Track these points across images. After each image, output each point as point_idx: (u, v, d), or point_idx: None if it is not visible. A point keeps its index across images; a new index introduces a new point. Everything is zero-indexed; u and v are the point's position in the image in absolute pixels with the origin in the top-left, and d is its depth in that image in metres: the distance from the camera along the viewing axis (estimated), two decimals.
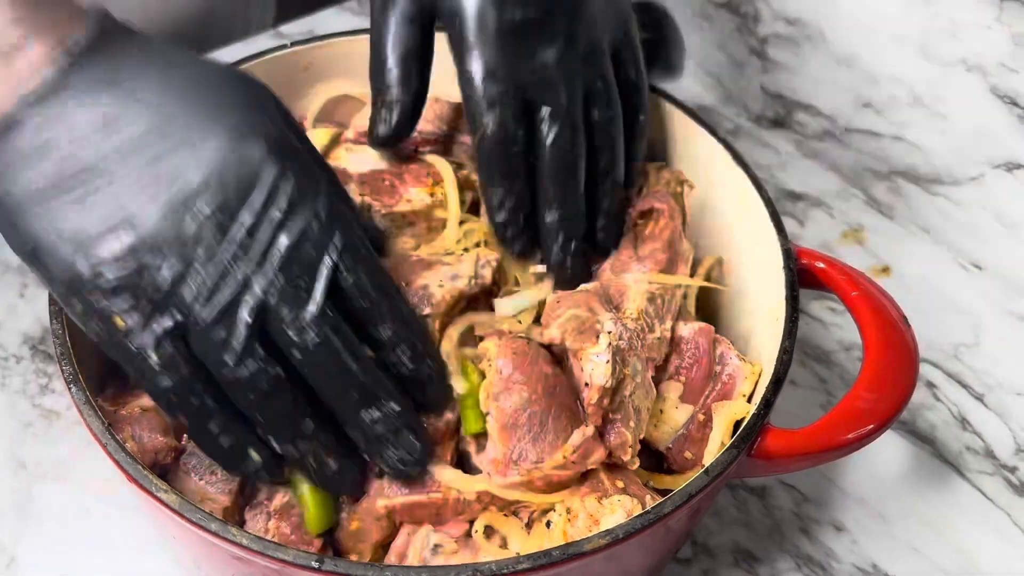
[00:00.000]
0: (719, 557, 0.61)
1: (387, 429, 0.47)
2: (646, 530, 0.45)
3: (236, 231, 0.44)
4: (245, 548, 0.43)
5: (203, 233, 0.43)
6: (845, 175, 0.85)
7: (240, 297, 0.43)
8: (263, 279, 0.44)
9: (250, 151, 0.44)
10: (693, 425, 0.54)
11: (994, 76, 0.72)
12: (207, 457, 0.48)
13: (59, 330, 0.50)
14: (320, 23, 0.90)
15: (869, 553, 0.62)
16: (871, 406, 0.51)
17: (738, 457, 0.48)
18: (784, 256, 0.56)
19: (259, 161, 0.44)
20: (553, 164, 0.54)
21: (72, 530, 0.60)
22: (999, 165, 0.75)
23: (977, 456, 0.68)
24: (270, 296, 0.44)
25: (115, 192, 0.43)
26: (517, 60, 0.52)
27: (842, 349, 0.73)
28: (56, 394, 0.66)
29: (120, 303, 0.43)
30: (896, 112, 0.79)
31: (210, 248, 0.43)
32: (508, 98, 0.52)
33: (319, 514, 0.50)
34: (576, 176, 0.55)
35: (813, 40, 0.82)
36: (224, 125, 0.44)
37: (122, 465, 0.46)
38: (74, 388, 0.48)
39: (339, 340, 0.45)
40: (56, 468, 0.62)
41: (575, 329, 0.51)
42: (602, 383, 0.50)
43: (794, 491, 0.65)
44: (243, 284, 0.43)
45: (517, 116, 0.53)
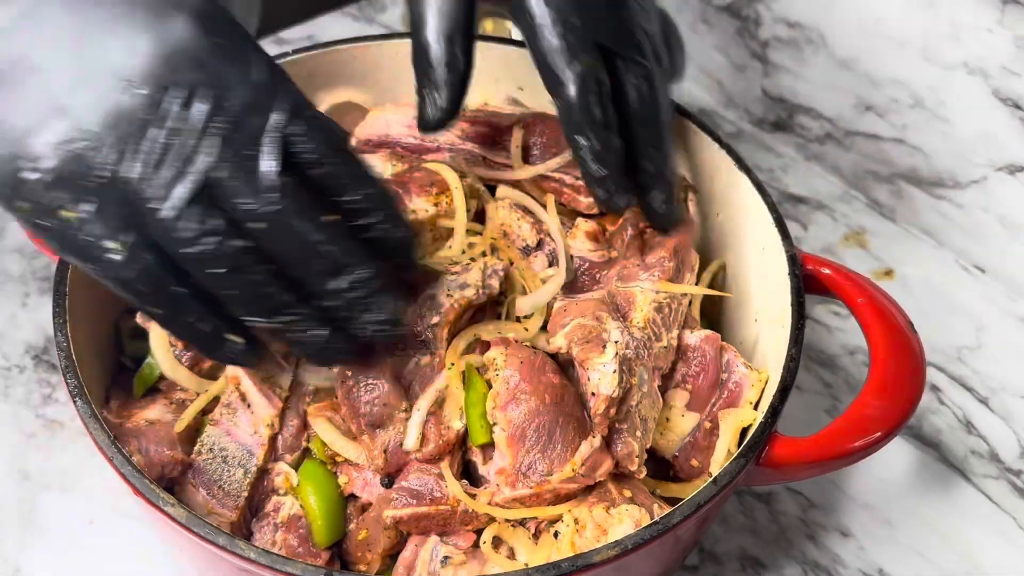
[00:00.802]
0: (726, 564, 0.61)
1: (362, 295, 0.46)
2: (655, 540, 0.45)
3: (170, 106, 0.42)
4: (253, 562, 0.43)
5: (137, 112, 0.42)
6: (847, 178, 0.84)
7: (185, 173, 0.42)
8: (207, 151, 0.42)
9: (174, 25, 0.43)
10: (700, 433, 0.54)
11: (996, 79, 0.72)
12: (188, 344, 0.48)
13: (63, 342, 0.50)
14: (320, 29, 0.90)
15: (875, 558, 0.62)
16: (879, 413, 0.51)
17: (746, 466, 0.48)
18: (789, 262, 0.56)
19: (185, 35, 0.43)
20: (649, 108, 0.53)
21: (76, 540, 0.60)
22: (1001, 168, 0.75)
23: (982, 460, 0.68)
24: (219, 169, 0.42)
25: (42, 82, 0.42)
26: (591, 11, 0.52)
27: (847, 353, 0.73)
28: (59, 404, 0.65)
29: (65, 195, 0.42)
30: (898, 115, 0.79)
31: (147, 126, 0.42)
32: (588, 46, 0.51)
33: (326, 526, 0.49)
34: (668, 120, 0.55)
35: (814, 43, 0.82)
36: (148, 4, 0.43)
37: (129, 479, 0.46)
38: (79, 401, 0.48)
39: (296, 206, 0.43)
40: (60, 478, 0.62)
41: (582, 338, 0.51)
42: (609, 393, 0.50)
43: (800, 497, 0.64)
44: (186, 159, 0.42)
45: (599, 65, 0.52)
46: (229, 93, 0.43)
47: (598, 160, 0.53)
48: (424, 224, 0.57)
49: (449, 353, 0.52)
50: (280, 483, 0.51)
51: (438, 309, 0.52)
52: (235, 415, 0.52)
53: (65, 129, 0.42)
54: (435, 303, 0.52)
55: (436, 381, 0.51)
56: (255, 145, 0.43)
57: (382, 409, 0.50)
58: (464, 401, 0.51)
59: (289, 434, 0.52)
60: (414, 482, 0.50)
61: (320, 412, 0.52)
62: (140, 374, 0.55)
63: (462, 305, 0.52)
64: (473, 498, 0.49)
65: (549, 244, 0.58)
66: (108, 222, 0.42)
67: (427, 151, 0.63)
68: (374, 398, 0.50)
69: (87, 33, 0.42)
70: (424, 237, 0.57)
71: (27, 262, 0.72)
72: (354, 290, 0.45)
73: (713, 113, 0.90)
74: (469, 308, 0.53)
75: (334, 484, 0.51)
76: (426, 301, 0.52)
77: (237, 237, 0.43)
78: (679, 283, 0.57)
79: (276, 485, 0.51)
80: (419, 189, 0.57)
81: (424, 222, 0.57)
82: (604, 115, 0.52)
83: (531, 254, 0.58)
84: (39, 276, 0.72)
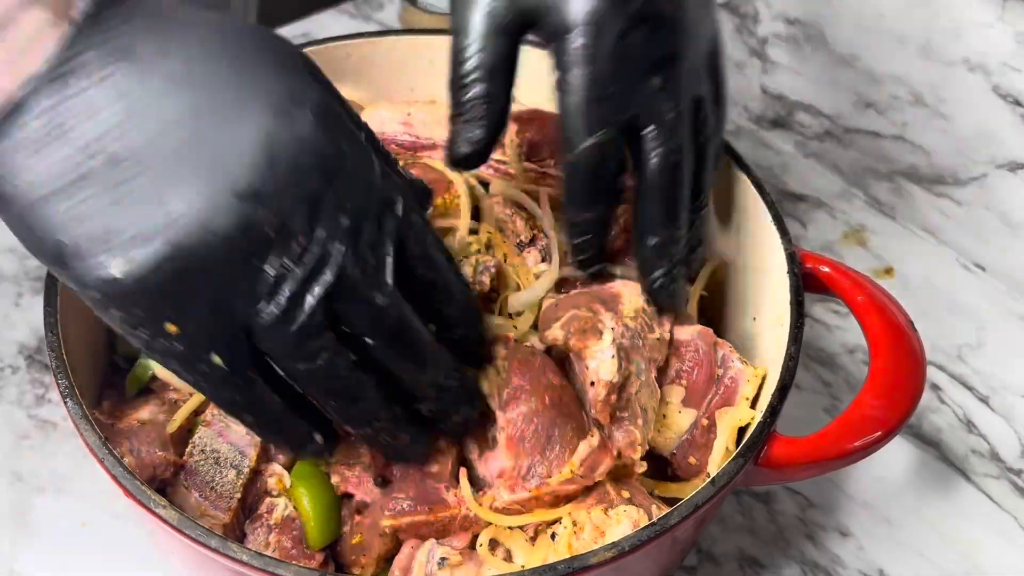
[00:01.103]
0: (724, 565, 0.61)
1: (454, 399, 0.47)
2: (652, 542, 0.45)
3: (290, 218, 0.39)
4: (245, 564, 0.43)
5: (254, 223, 0.38)
6: (847, 176, 0.84)
7: (306, 289, 0.39)
8: (328, 266, 0.40)
9: (297, 126, 0.39)
10: (697, 431, 0.54)
11: (997, 76, 0.72)
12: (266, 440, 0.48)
13: (54, 342, 0.50)
14: (317, 26, 0.90)
15: (875, 558, 0.62)
16: (878, 413, 0.50)
17: (744, 466, 0.48)
18: (788, 260, 0.56)
19: (308, 136, 0.40)
20: (660, 186, 0.51)
21: (71, 542, 0.59)
22: (1002, 165, 0.74)
23: (983, 459, 0.67)
24: (338, 284, 0.40)
25: (148, 183, 0.38)
26: (627, 80, 0.49)
27: (846, 352, 0.72)
28: (52, 404, 0.65)
29: (169, 309, 0.39)
30: (898, 112, 0.79)
31: (265, 239, 0.39)
32: (614, 120, 0.50)
33: (320, 529, 0.49)
34: (683, 198, 0.52)
35: (813, 40, 0.81)
36: (265, 97, 0.39)
37: (120, 481, 0.45)
38: (70, 402, 0.48)
39: (408, 318, 0.42)
40: (54, 480, 0.62)
41: (578, 329, 0.51)
42: (609, 378, 0.49)
43: (799, 496, 0.64)
44: (308, 275, 0.39)
45: (618, 139, 0.50)
46: (350, 202, 0.40)
47: (579, 229, 0.53)
48: None
49: None
50: (273, 484, 0.51)
51: None
52: (227, 416, 0.51)
53: (175, 239, 0.38)
54: None
55: None
56: (375, 256, 0.41)
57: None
58: None
59: None
60: (412, 492, 0.49)
61: None
62: (133, 374, 0.55)
63: None
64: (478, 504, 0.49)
65: (542, 240, 0.58)
66: (214, 336, 0.39)
67: (423, 148, 0.63)
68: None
69: (202, 133, 0.38)
70: None
71: (20, 262, 0.72)
72: (449, 392, 0.46)
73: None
74: None
75: (327, 485, 0.51)
76: None
77: (351, 350, 0.42)
78: None
79: (269, 486, 0.51)
80: None
81: None
82: (599, 188, 0.51)
83: (524, 250, 0.58)
84: (32, 276, 0.71)
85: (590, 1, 0.49)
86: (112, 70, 0.38)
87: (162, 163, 0.38)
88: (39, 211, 0.38)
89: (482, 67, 0.50)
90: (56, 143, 0.38)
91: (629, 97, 0.50)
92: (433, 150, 0.63)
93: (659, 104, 0.51)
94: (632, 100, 0.50)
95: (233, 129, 0.39)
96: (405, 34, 0.70)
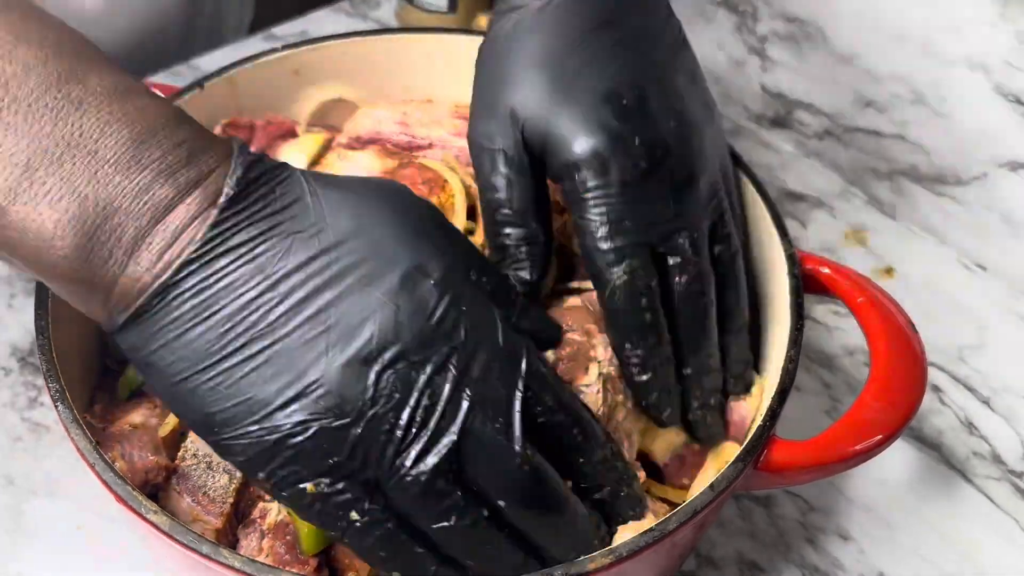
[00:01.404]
0: (724, 569, 0.60)
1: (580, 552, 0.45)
2: (651, 547, 0.44)
3: (418, 377, 0.41)
4: (237, 571, 0.42)
5: (386, 388, 0.41)
6: (847, 175, 0.83)
7: (430, 448, 0.41)
8: (457, 423, 0.41)
9: (424, 292, 0.42)
10: (688, 450, 0.53)
11: (998, 74, 0.71)
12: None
13: (45, 345, 0.49)
14: (314, 25, 0.89)
15: (876, 562, 0.61)
16: (879, 416, 0.50)
17: (744, 470, 0.47)
18: (788, 261, 0.55)
19: (434, 302, 0.42)
20: (688, 315, 0.51)
21: (65, 546, 0.58)
22: (1003, 164, 0.74)
23: (984, 461, 0.67)
24: (468, 443, 0.41)
25: (284, 351, 0.41)
26: (641, 209, 0.49)
27: (846, 354, 0.72)
28: (45, 407, 0.64)
29: (309, 470, 0.41)
30: (898, 111, 0.78)
31: (397, 401, 0.41)
32: (637, 250, 0.49)
33: (312, 533, 0.48)
34: (711, 325, 0.51)
35: (813, 39, 0.81)
36: (392, 264, 0.42)
37: (110, 485, 0.45)
38: (61, 406, 0.47)
39: (545, 476, 0.43)
40: (47, 483, 0.61)
41: (568, 356, 0.50)
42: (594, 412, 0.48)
43: (799, 500, 0.63)
44: (432, 435, 0.41)
45: (647, 267, 0.49)
46: (476, 360, 0.42)
47: (641, 366, 0.50)
48: None
49: None
50: None
51: None
52: None
53: (312, 406, 0.40)
54: None
55: None
56: (502, 413, 0.42)
57: None
58: None
59: None
60: None
61: None
62: (125, 377, 0.55)
63: None
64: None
65: None
66: (350, 493, 0.41)
67: (418, 148, 0.62)
68: None
69: (330, 296, 0.41)
70: None
71: None
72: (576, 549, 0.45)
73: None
74: None
75: None
76: None
77: (482, 506, 0.42)
78: None
79: (262, 491, 0.50)
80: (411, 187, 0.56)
81: None
82: (646, 319, 0.49)
83: None
84: (25, 277, 0.71)
85: (592, 137, 0.49)
86: (252, 245, 0.41)
87: (293, 331, 0.41)
88: (186, 383, 0.41)
89: (515, 212, 0.51)
90: (201, 317, 0.41)
91: (644, 225, 0.49)
92: (429, 149, 0.62)
93: (675, 233, 0.50)
94: (648, 232, 0.49)
95: (360, 295, 0.41)
96: (402, 32, 0.69)
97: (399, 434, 0.41)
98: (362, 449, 0.41)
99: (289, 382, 0.41)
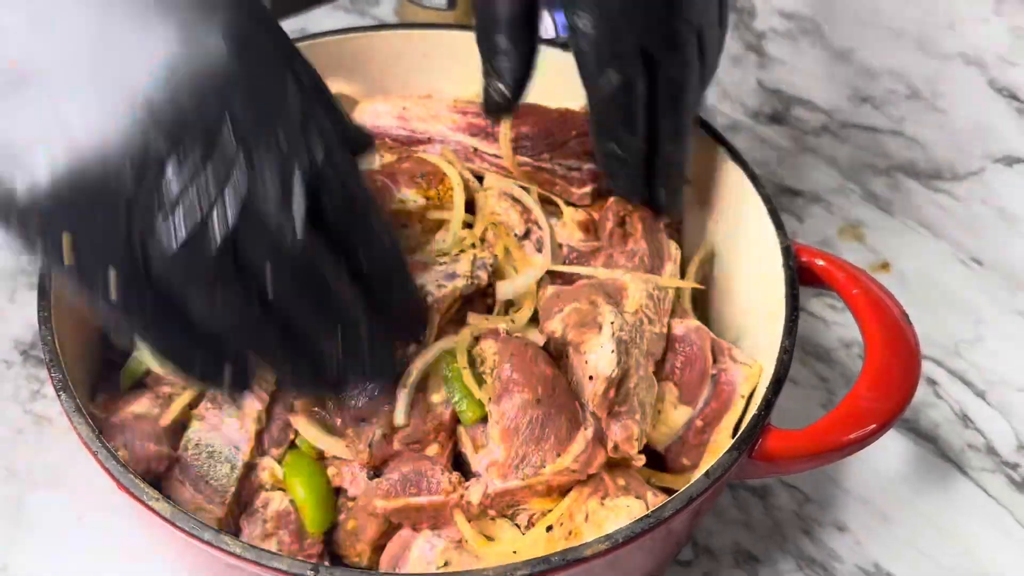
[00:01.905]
0: (720, 559, 0.60)
1: (360, 351, 0.44)
2: (646, 534, 0.44)
3: (193, 140, 0.38)
4: (239, 557, 0.43)
5: (153, 143, 0.37)
6: (843, 170, 0.84)
7: (207, 220, 0.38)
8: (230, 194, 0.38)
9: (205, 45, 0.38)
10: (690, 431, 0.54)
11: (993, 69, 0.72)
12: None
13: (48, 336, 0.50)
14: (313, 22, 0.90)
15: (871, 553, 0.62)
16: (873, 405, 0.50)
17: (739, 459, 0.48)
18: (784, 254, 0.56)
19: (216, 58, 0.38)
20: (677, 105, 0.53)
21: (66, 538, 0.59)
22: (999, 159, 0.74)
23: (979, 454, 0.67)
24: (241, 218, 0.38)
25: (50, 94, 0.37)
26: (640, 14, 0.50)
27: (842, 347, 0.72)
28: (48, 400, 0.65)
29: (66, 224, 0.38)
30: (894, 107, 0.79)
31: (163, 160, 0.37)
32: (632, 55, 0.51)
33: (318, 513, 0.49)
34: (689, 115, 0.55)
35: (810, 35, 0.81)
36: (173, 12, 0.38)
37: (113, 474, 0.45)
38: (64, 395, 0.47)
39: (319, 267, 0.41)
40: (49, 475, 0.61)
41: (576, 323, 0.51)
42: (608, 373, 0.49)
43: (795, 491, 0.64)
44: (209, 205, 0.38)
45: (640, 71, 0.51)
46: (259, 130, 0.39)
47: (620, 161, 0.54)
48: (413, 215, 0.56)
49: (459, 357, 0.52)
50: (266, 478, 0.51)
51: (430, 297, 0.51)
52: (221, 410, 0.51)
53: (69, 150, 0.37)
54: (424, 293, 0.51)
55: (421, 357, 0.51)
56: (283, 191, 0.39)
57: (368, 403, 0.49)
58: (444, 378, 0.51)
59: (276, 429, 0.52)
60: (406, 471, 0.49)
61: (306, 407, 0.51)
62: (127, 368, 0.55)
63: (453, 295, 0.52)
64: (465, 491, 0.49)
65: (536, 232, 0.58)
66: (109, 251, 0.38)
67: (417, 143, 0.63)
68: (360, 392, 0.49)
69: (107, 43, 0.37)
70: (414, 229, 0.57)
71: (15, 256, 0.72)
72: (354, 345, 0.44)
73: (708, 105, 0.90)
74: (459, 299, 0.53)
75: (321, 472, 0.51)
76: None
77: (250, 289, 0.40)
78: (658, 272, 0.57)
79: (263, 480, 0.51)
80: (408, 180, 0.57)
81: (413, 213, 0.56)
82: (634, 121, 0.53)
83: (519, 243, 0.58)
84: (27, 270, 0.71)
85: None
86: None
87: (61, 74, 0.37)
88: None
89: (504, 17, 0.52)
90: None
91: (641, 30, 0.51)
92: (428, 144, 0.63)
93: (671, 36, 0.51)
94: (643, 33, 0.51)
95: (142, 45, 0.38)
96: (400, 28, 0.70)
97: (169, 193, 0.37)
98: (123, 203, 0.37)
99: (49, 126, 0.37)
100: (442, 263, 0.53)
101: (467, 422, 0.51)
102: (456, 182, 0.57)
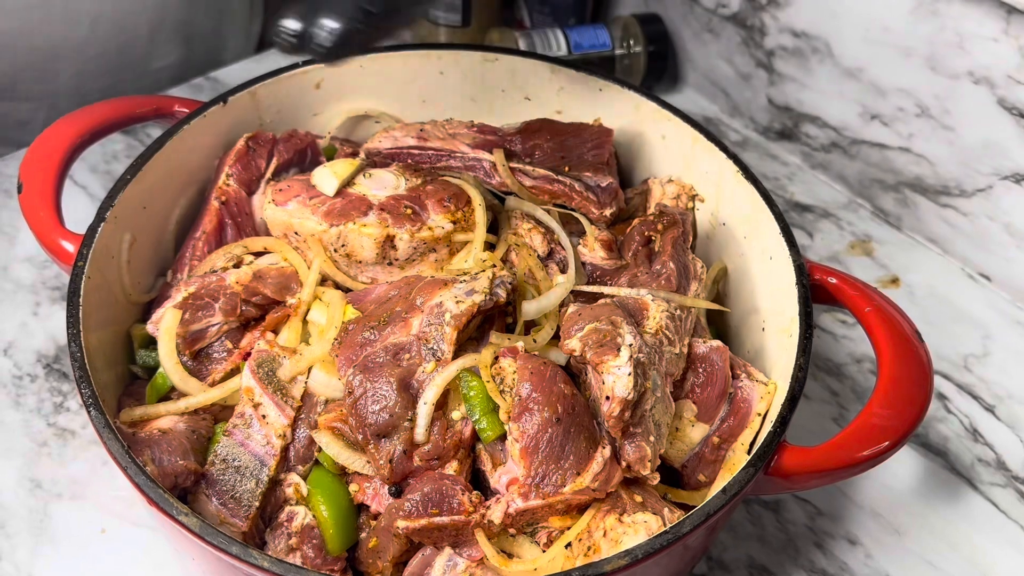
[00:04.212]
0: (734, 572, 0.61)
1: None
2: (664, 550, 0.45)
3: None
4: (266, 571, 0.43)
5: None
6: (853, 187, 0.85)
7: None
8: None
9: None
10: (707, 447, 0.54)
11: (1001, 88, 0.72)
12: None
13: (77, 352, 0.50)
14: None
15: (883, 566, 0.62)
16: (886, 423, 0.51)
17: (755, 475, 0.48)
18: (797, 272, 0.56)
19: None
20: None
21: (88, 549, 0.60)
22: (1007, 176, 0.75)
23: (989, 468, 0.68)
24: None
25: None
26: None
27: (853, 362, 0.73)
28: (71, 413, 0.66)
29: None
30: (903, 124, 0.79)
31: None
32: None
33: (338, 534, 0.50)
34: None
35: (820, 52, 0.82)
36: None
37: (143, 489, 0.46)
38: (93, 411, 0.48)
39: None
40: (72, 487, 0.62)
41: (596, 342, 0.51)
42: (624, 395, 0.50)
43: (808, 505, 0.65)
44: None
45: None
46: None
47: None
48: (441, 240, 0.57)
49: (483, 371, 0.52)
50: (291, 493, 0.52)
51: (448, 314, 0.52)
52: (249, 426, 0.52)
53: None
54: (443, 309, 0.52)
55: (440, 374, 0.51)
56: None
57: (389, 419, 0.50)
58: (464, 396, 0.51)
59: (301, 445, 0.52)
60: (428, 491, 0.50)
61: (329, 423, 0.52)
62: (153, 383, 0.56)
63: (471, 311, 0.53)
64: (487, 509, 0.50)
65: (560, 252, 0.58)
66: None
67: (438, 161, 0.63)
68: (381, 408, 0.50)
69: None
70: (442, 252, 0.58)
71: (38, 271, 0.73)
72: None
73: (719, 122, 0.91)
74: (478, 313, 0.53)
75: (344, 490, 0.52)
76: (435, 308, 0.52)
77: None
78: (683, 291, 0.57)
79: (288, 495, 0.52)
80: (437, 204, 0.58)
81: (441, 239, 0.57)
82: None
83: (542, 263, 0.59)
84: (50, 285, 0.72)
85: None
86: None
87: None
88: None
89: None
90: None
91: None
92: (449, 159, 0.63)
93: None
94: None
95: None
96: (418, 48, 0.71)
97: None
98: None
99: None
100: (463, 280, 0.54)
101: (487, 440, 0.51)
102: (479, 202, 0.58)
